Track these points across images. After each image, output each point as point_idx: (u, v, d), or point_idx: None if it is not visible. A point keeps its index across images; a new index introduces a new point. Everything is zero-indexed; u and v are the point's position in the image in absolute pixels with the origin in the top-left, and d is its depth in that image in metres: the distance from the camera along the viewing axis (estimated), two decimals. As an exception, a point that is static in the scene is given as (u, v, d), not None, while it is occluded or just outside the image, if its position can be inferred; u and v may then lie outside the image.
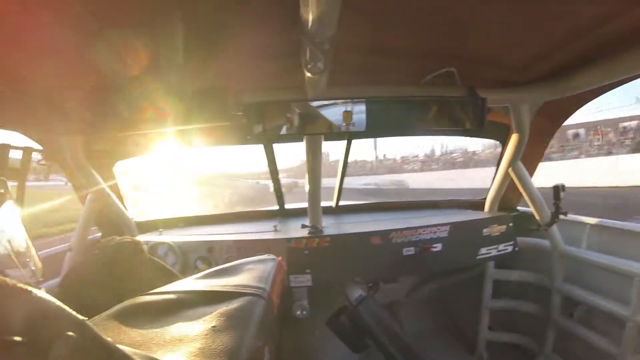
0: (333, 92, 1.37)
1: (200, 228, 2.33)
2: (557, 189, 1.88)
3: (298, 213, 2.49)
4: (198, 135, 2.01)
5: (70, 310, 0.29)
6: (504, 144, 2.08)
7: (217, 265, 1.81)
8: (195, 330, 0.58)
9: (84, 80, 1.25)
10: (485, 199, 2.33)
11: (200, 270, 1.82)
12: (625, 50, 1.10)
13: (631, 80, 1.27)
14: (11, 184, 1.31)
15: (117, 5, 0.86)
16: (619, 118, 19.56)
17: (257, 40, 1.12)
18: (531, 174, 2.03)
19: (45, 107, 1.23)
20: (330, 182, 2.50)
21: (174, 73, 1.30)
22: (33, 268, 0.68)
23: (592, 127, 20.11)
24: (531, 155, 1.97)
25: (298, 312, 1.85)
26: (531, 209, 2.05)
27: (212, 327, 0.58)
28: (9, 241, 0.63)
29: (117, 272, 0.88)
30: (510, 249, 2.02)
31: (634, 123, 19.11)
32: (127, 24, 0.95)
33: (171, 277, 1.05)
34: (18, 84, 1.11)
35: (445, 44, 1.22)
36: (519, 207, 2.36)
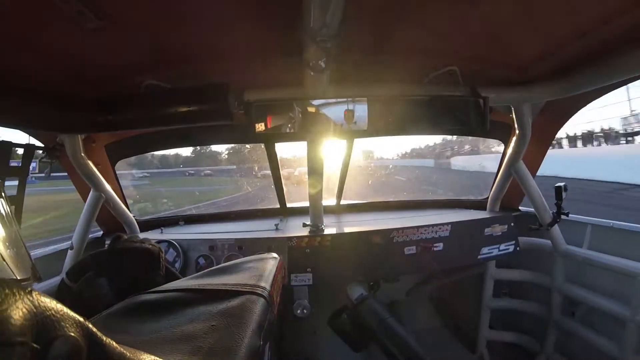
0: (335, 91, 1.36)
1: (201, 226, 2.34)
2: (559, 189, 1.87)
3: (299, 212, 2.49)
4: (199, 134, 2.02)
5: (69, 310, 0.29)
6: (506, 144, 2.07)
7: (219, 263, 1.82)
8: (195, 328, 0.58)
9: (86, 79, 1.25)
10: (487, 198, 2.33)
11: (201, 269, 1.83)
12: (627, 49, 1.10)
13: (634, 80, 1.26)
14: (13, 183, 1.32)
15: (118, 4, 0.86)
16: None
17: (259, 38, 1.12)
18: (533, 174, 2.02)
19: (47, 105, 1.23)
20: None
21: (175, 72, 1.30)
22: (25, 270, 0.68)
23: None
24: (533, 154, 1.96)
25: (299, 311, 1.85)
26: (533, 208, 2.04)
27: (212, 325, 0.58)
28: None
29: (131, 274, 0.89)
30: (511, 248, 2.02)
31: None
32: (128, 22, 0.95)
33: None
34: (20, 82, 1.11)
35: (448, 43, 1.22)
36: (520, 207, 2.35)
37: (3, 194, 0.69)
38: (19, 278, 0.61)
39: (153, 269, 0.92)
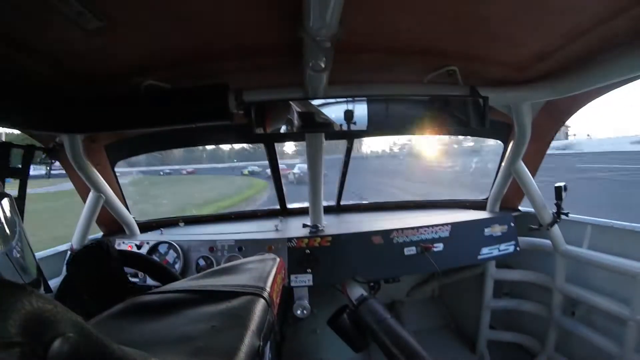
0: (334, 91, 1.37)
1: (201, 227, 2.34)
2: (559, 189, 1.87)
3: (299, 212, 2.49)
4: (199, 134, 2.02)
5: (68, 310, 0.29)
6: (506, 143, 2.07)
7: (219, 264, 1.81)
8: (195, 329, 0.58)
9: (86, 79, 1.25)
10: (487, 198, 2.33)
11: (201, 270, 1.82)
12: (627, 48, 1.09)
13: (634, 80, 1.26)
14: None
15: (118, 5, 0.86)
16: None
17: (259, 38, 1.12)
18: (533, 174, 2.02)
19: (47, 105, 1.23)
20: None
21: (175, 72, 1.30)
22: (29, 268, 0.68)
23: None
24: (533, 154, 1.96)
25: (299, 312, 1.85)
26: (533, 208, 2.04)
27: (212, 326, 0.58)
28: (6, 243, 0.63)
29: (92, 275, 0.89)
30: (511, 248, 2.02)
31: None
32: (128, 22, 0.95)
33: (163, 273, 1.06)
34: (20, 82, 1.11)
35: (447, 42, 1.22)
36: (520, 207, 2.35)
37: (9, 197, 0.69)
38: (26, 282, 0.61)
39: (102, 263, 0.92)
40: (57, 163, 1.66)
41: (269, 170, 2.31)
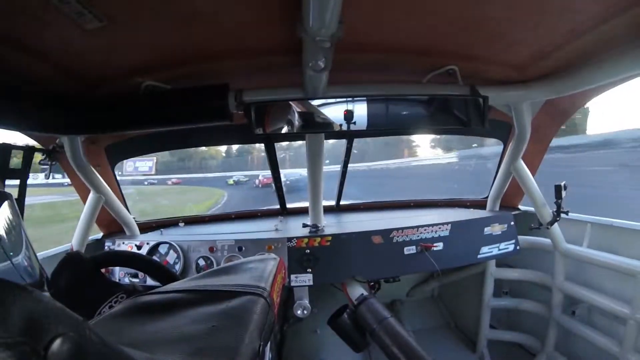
0: (334, 91, 1.37)
1: (201, 227, 2.34)
2: (559, 188, 1.87)
3: (299, 212, 2.49)
4: (198, 134, 2.02)
5: (69, 310, 0.29)
6: (506, 142, 2.07)
7: (219, 264, 1.81)
8: (195, 329, 0.58)
9: (86, 80, 1.25)
10: (486, 197, 2.33)
11: (201, 270, 1.82)
12: (626, 48, 1.10)
13: (632, 78, 1.26)
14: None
15: (118, 5, 0.86)
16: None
17: (258, 38, 1.12)
18: (533, 173, 2.02)
19: (46, 106, 1.23)
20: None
21: (174, 73, 1.31)
22: (31, 270, 0.68)
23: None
24: (533, 153, 1.96)
25: (299, 312, 1.85)
26: (533, 207, 2.04)
27: (213, 326, 0.58)
28: (8, 244, 0.63)
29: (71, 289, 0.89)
30: (511, 247, 2.02)
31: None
32: (128, 23, 0.95)
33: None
34: (19, 83, 1.11)
35: (447, 42, 1.22)
36: (520, 206, 2.35)
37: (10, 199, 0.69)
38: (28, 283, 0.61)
39: (76, 275, 0.92)
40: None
41: (257, 181, 2.32)
